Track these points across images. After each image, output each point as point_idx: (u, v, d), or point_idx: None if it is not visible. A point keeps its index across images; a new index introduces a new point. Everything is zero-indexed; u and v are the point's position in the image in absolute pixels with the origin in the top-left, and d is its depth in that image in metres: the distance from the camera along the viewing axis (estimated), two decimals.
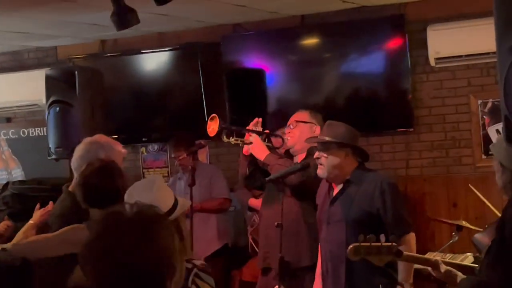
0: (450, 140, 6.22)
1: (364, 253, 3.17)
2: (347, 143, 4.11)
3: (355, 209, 4.06)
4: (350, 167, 4.15)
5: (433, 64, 6.10)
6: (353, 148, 4.15)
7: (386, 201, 4.01)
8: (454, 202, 6.13)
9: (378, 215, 4.02)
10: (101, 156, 3.88)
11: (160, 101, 7.09)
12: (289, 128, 4.76)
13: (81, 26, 6.47)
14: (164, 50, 7.12)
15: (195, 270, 2.92)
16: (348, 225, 4.05)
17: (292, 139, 4.71)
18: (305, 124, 4.72)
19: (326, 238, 4.18)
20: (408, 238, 4.02)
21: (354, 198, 4.08)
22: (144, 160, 7.45)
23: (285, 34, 6.73)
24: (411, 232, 4.05)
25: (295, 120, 4.76)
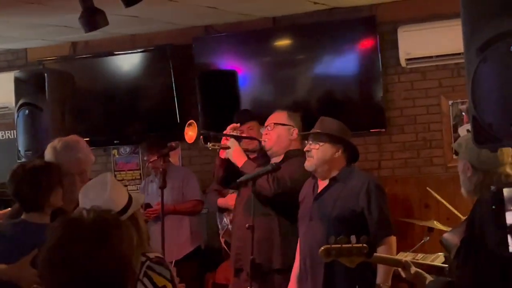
0: (421, 141, 6.26)
1: (335, 254, 3.17)
2: (341, 137, 4.12)
3: (339, 207, 4.06)
4: (339, 164, 4.15)
5: (404, 65, 6.14)
6: (346, 145, 4.15)
7: (371, 202, 4.02)
8: (426, 202, 6.17)
9: (362, 215, 4.03)
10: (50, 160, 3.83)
11: (132, 103, 7.05)
12: (267, 129, 4.71)
13: (51, 28, 6.42)
14: (136, 52, 7.08)
15: (147, 262, 2.88)
16: (330, 223, 4.05)
17: (269, 141, 4.66)
18: (282, 127, 4.66)
19: (307, 235, 4.17)
20: (390, 240, 4.03)
21: (339, 196, 4.08)
22: (116, 162, 7.40)
23: (257, 36, 6.73)
24: (392, 235, 4.06)
25: (273, 122, 4.71)
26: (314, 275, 4.09)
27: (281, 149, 4.65)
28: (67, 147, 3.89)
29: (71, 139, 4.01)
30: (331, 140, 4.10)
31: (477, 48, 2.69)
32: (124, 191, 3.01)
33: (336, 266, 3.94)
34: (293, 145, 4.66)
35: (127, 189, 3.08)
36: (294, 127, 4.68)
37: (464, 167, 3.13)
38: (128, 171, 7.32)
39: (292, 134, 4.66)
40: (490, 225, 2.65)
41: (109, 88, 7.15)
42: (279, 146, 4.64)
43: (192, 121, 4.65)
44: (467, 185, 3.13)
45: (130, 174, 7.31)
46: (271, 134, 4.68)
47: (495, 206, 2.58)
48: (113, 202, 2.86)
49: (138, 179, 7.21)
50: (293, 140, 4.67)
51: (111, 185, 2.93)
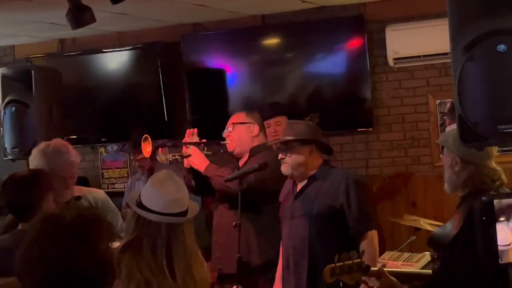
0: (409, 140, 6.27)
1: (339, 273, 3.15)
2: (310, 139, 4.10)
3: (319, 204, 4.05)
4: (316, 163, 4.14)
5: (391, 64, 6.15)
6: (316, 143, 4.14)
7: (350, 197, 4.01)
8: (413, 201, 6.18)
9: (342, 211, 4.01)
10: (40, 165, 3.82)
11: (120, 101, 7.03)
12: (228, 131, 4.69)
13: (39, 25, 6.39)
14: (124, 50, 7.07)
15: None
16: (311, 220, 4.05)
17: (232, 142, 4.66)
18: (242, 125, 4.66)
19: (289, 234, 4.16)
20: (370, 234, 4.02)
21: (319, 193, 4.08)
22: (103, 160, 7.38)
23: (245, 34, 6.73)
24: (373, 229, 4.05)
25: (232, 122, 4.70)
26: (297, 272, 4.09)
27: (244, 149, 4.64)
28: (59, 151, 3.88)
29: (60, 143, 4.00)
30: (302, 143, 4.09)
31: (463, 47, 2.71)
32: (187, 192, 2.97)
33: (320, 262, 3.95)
34: (255, 141, 4.65)
35: None
36: (254, 123, 4.67)
37: (452, 161, 3.13)
38: (116, 169, 7.30)
39: (253, 131, 4.65)
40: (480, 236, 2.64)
41: (97, 86, 7.13)
42: (242, 146, 4.64)
43: (146, 136, 4.59)
44: (453, 180, 3.13)
45: (117, 172, 7.29)
46: (232, 134, 4.66)
47: (485, 217, 2.58)
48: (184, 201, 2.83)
49: (125, 177, 7.19)
50: (255, 136, 4.66)
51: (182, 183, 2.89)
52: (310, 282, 4.04)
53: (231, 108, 6.64)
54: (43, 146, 3.93)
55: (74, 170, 3.94)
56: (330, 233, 4.03)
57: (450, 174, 3.14)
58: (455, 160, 3.12)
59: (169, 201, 2.75)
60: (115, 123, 7.05)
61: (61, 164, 3.83)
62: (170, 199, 2.76)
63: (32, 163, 3.91)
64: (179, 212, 2.78)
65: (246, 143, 4.64)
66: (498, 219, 2.58)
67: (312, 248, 4.03)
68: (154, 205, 2.75)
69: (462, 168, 3.10)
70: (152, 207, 2.74)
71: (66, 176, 3.82)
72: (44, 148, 3.90)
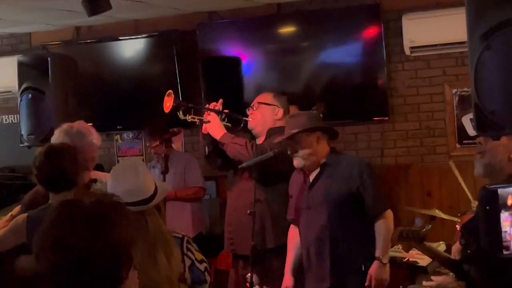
0: (424, 129, 6.25)
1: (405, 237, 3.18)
2: (314, 126, 4.13)
3: (335, 190, 4.10)
4: (324, 150, 4.18)
5: (408, 53, 6.12)
6: (321, 130, 4.16)
7: (365, 180, 4.08)
8: (428, 191, 6.16)
9: (358, 194, 4.07)
10: None
11: (135, 88, 7.04)
12: (252, 109, 4.70)
13: (55, 13, 6.41)
14: (140, 38, 7.07)
15: (185, 238, 3.09)
16: (329, 207, 4.09)
17: (254, 121, 4.67)
18: (267, 106, 4.67)
19: (307, 224, 4.20)
20: (387, 214, 4.10)
21: (333, 179, 4.12)
22: (119, 148, 7.41)
23: (261, 22, 6.71)
24: (389, 209, 4.13)
25: (258, 101, 4.71)
26: (320, 261, 4.12)
27: (265, 129, 4.65)
28: (82, 133, 3.93)
29: (83, 125, 4.04)
30: (307, 133, 4.11)
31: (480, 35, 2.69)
32: (153, 179, 3.07)
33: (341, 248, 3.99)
34: (277, 124, 4.65)
35: None
36: (279, 107, 4.67)
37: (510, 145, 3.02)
38: (131, 157, 7.32)
39: (276, 114, 4.66)
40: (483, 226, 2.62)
41: (112, 73, 7.14)
42: (263, 126, 4.65)
43: (170, 91, 4.62)
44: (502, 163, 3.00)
45: None
46: (255, 113, 4.68)
47: (489, 207, 2.55)
48: (144, 188, 2.90)
49: None
50: (277, 120, 4.66)
51: (143, 172, 2.98)
52: (333, 269, 4.07)
53: (246, 97, 6.63)
54: (66, 127, 3.97)
55: (95, 152, 4.01)
56: (349, 217, 4.10)
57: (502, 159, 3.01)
58: None
59: (126, 191, 2.83)
60: (131, 110, 7.06)
61: (84, 145, 3.87)
62: (127, 189, 2.84)
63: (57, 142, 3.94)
64: (138, 201, 2.85)
65: (267, 124, 4.65)
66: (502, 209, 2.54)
67: (333, 235, 4.06)
68: None
69: None
70: None
71: (87, 157, 3.84)
72: (67, 129, 3.94)
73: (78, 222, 1.69)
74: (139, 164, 3.08)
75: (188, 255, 3.05)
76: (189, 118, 4.64)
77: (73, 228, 1.68)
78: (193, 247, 3.13)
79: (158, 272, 2.85)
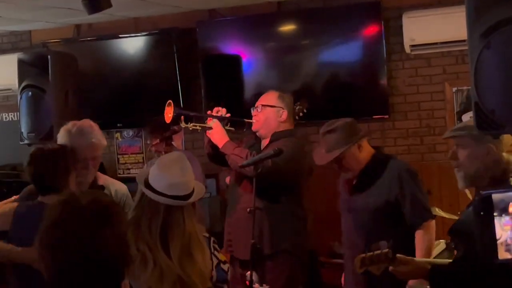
0: (425, 128, 6.24)
1: (368, 263, 3.14)
2: (352, 143, 3.99)
3: (374, 198, 4.01)
4: (367, 152, 4.08)
5: (408, 51, 6.12)
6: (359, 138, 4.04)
7: (404, 189, 3.96)
8: (429, 189, 6.12)
9: (397, 202, 3.97)
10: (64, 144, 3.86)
11: (135, 86, 7.04)
12: (256, 110, 4.65)
13: (55, 10, 6.41)
14: (140, 36, 7.07)
15: (212, 238, 3.10)
16: (368, 214, 4.02)
17: (257, 123, 4.61)
18: (271, 109, 4.59)
19: (347, 227, 4.19)
20: (427, 224, 3.98)
21: (373, 186, 4.03)
22: (119, 146, 7.41)
23: (261, 20, 6.71)
24: (430, 219, 4.00)
25: (261, 104, 4.64)
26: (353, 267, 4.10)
27: (269, 132, 4.60)
28: (82, 132, 3.92)
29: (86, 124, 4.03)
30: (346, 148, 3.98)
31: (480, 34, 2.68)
32: (193, 177, 3.06)
33: None
34: (282, 127, 4.60)
35: None
36: (284, 109, 4.60)
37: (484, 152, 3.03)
38: (131, 155, 7.33)
39: (281, 116, 4.59)
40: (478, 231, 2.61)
41: (112, 71, 7.14)
42: (267, 129, 4.60)
43: (170, 101, 4.60)
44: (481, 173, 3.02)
45: (133, 158, 7.31)
46: (259, 116, 4.62)
47: (484, 213, 2.54)
48: (186, 185, 2.91)
49: (141, 163, 7.22)
50: (282, 122, 4.60)
51: (188, 169, 2.98)
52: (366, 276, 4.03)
53: (246, 95, 6.65)
54: (70, 125, 3.97)
55: (96, 152, 3.94)
56: (387, 226, 3.98)
57: (478, 167, 3.06)
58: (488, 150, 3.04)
59: (171, 184, 2.84)
60: (131, 108, 7.07)
61: (82, 144, 3.85)
62: (172, 182, 2.86)
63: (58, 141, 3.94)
64: (180, 196, 2.87)
65: (271, 127, 4.59)
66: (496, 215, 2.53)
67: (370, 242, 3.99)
68: (157, 185, 2.84)
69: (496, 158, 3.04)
70: (155, 187, 2.84)
71: (86, 157, 3.84)
72: (69, 127, 3.94)
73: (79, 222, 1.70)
74: (185, 159, 3.04)
75: (215, 254, 3.09)
76: (191, 126, 4.63)
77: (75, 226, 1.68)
78: (217, 248, 3.16)
79: (193, 268, 2.86)
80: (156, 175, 2.93)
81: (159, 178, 2.90)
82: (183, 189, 2.91)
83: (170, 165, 2.96)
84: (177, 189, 2.88)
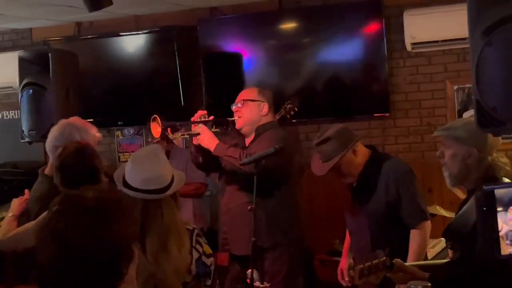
0: (425, 126, 6.24)
1: (367, 274, 3.15)
2: (344, 152, 4.01)
3: (374, 200, 4.04)
4: (364, 157, 4.11)
5: (409, 49, 6.11)
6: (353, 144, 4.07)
7: (400, 191, 3.99)
8: (429, 187, 6.16)
9: (396, 205, 4.00)
10: (76, 138, 3.88)
11: (136, 84, 7.04)
12: (237, 106, 4.65)
13: (56, 8, 6.41)
14: (140, 33, 7.06)
15: (196, 231, 3.07)
16: (370, 217, 4.05)
17: (241, 120, 4.62)
18: (253, 103, 4.62)
19: (351, 229, 4.22)
20: (423, 225, 3.99)
21: (372, 190, 4.05)
22: (119, 144, 7.41)
23: (262, 18, 6.70)
24: (426, 220, 4.02)
25: (242, 99, 4.65)
26: None
27: (253, 127, 4.62)
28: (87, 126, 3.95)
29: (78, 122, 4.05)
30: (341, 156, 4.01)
31: (482, 31, 2.68)
32: (171, 167, 3.08)
33: None
34: (263, 120, 4.63)
35: None
36: (264, 102, 4.63)
37: (465, 154, 3.10)
38: (132, 152, 7.31)
39: (262, 110, 4.62)
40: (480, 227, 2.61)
41: (113, 69, 7.13)
42: (251, 125, 4.62)
43: (155, 116, 4.58)
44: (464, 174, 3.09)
45: None
46: (241, 111, 4.63)
47: (486, 208, 2.54)
48: (162, 178, 2.90)
49: None
50: (263, 115, 4.63)
51: (163, 160, 3.00)
52: None
53: None
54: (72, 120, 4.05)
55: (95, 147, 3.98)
56: (389, 229, 4.01)
57: (461, 168, 3.10)
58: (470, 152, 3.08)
59: (145, 179, 2.85)
60: (132, 106, 7.06)
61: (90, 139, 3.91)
62: (146, 177, 2.86)
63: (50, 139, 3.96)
64: (157, 189, 2.85)
65: (254, 122, 4.62)
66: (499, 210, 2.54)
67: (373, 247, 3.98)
68: (132, 181, 2.84)
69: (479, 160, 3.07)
70: (130, 183, 2.84)
71: None
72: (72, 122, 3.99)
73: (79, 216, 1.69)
74: (160, 151, 3.06)
75: (196, 248, 3.05)
76: (179, 135, 4.66)
77: (73, 222, 1.68)
78: (203, 240, 3.12)
79: (168, 263, 2.85)
80: (130, 171, 2.94)
81: (133, 174, 2.92)
82: (158, 182, 2.91)
83: (143, 160, 2.98)
84: (151, 183, 2.88)
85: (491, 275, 2.81)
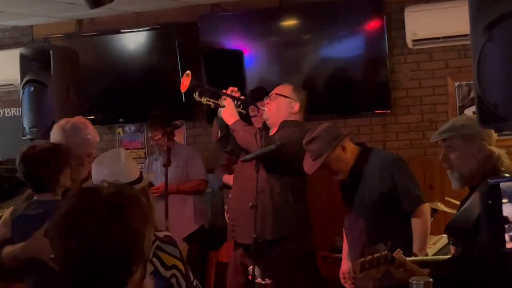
0: (427, 122, 6.24)
1: (368, 267, 3.15)
2: (331, 148, 4.05)
3: (368, 193, 4.07)
4: (353, 153, 4.15)
5: (410, 45, 6.10)
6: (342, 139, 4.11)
7: (394, 178, 4.04)
8: (431, 184, 6.16)
9: (390, 193, 4.04)
10: (58, 141, 3.88)
11: (137, 81, 7.04)
12: (269, 99, 4.72)
13: (57, 5, 6.40)
14: (141, 30, 7.06)
15: (157, 242, 2.88)
16: (366, 212, 4.08)
17: (269, 111, 4.69)
18: (284, 99, 4.68)
19: (349, 225, 4.24)
20: (421, 208, 4.04)
21: (365, 182, 4.09)
22: (120, 141, 7.41)
23: (263, 15, 6.70)
24: (423, 203, 4.06)
25: (276, 93, 4.72)
26: None
27: (278, 121, 4.67)
28: (76, 129, 3.94)
29: (80, 121, 4.05)
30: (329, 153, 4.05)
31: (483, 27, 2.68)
32: (136, 165, 3.13)
33: None
34: (292, 117, 4.67)
35: None
36: (296, 101, 4.67)
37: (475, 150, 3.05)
38: (133, 150, 7.32)
39: (293, 108, 4.67)
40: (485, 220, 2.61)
41: (114, 66, 7.13)
42: (278, 117, 4.66)
43: (189, 72, 4.64)
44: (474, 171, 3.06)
45: (135, 153, 7.31)
46: (271, 104, 4.69)
47: (491, 201, 2.54)
48: (127, 171, 2.93)
49: (143, 158, 7.22)
50: (293, 113, 4.68)
51: (125, 156, 3.05)
52: None
53: (248, 90, 6.63)
54: (63, 122, 3.99)
55: (90, 148, 3.97)
56: (386, 219, 4.05)
57: (472, 166, 3.07)
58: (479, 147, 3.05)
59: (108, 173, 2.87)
60: (133, 103, 7.06)
61: (77, 141, 3.89)
62: (109, 171, 2.89)
63: (52, 138, 3.96)
64: None
65: (281, 117, 4.67)
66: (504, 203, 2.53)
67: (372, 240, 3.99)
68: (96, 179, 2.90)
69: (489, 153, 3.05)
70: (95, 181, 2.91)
71: (81, 153, 3.87)
72: (63, 124, 3.96)
73: (95, 211, 1.68)
74: (122, 151, 3.12)
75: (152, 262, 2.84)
76: (204, 100, 4.68)
77: (89, 216, 1.67)
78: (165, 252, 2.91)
79: None
80: (95, 171, 3.03)
81: (97, 171, 3.00)
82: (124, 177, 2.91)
83: (105, 158, 3.06)
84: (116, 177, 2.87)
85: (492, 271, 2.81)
